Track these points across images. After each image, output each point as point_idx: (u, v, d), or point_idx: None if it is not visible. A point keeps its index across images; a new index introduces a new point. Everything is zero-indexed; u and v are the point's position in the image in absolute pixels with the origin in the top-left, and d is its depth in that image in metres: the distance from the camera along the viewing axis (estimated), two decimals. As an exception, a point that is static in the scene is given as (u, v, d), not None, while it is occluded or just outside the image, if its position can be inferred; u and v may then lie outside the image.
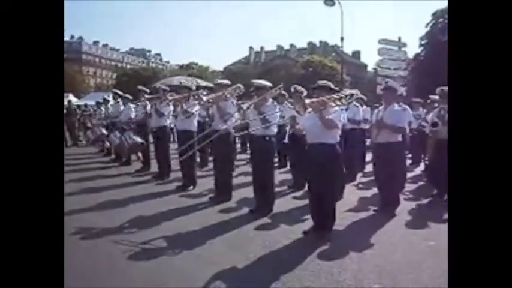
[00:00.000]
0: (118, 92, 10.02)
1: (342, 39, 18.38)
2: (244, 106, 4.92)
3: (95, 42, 71.05)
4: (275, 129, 5.02)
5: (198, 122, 6.81)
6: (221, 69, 49.72)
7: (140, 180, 7.36)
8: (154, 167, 7.92)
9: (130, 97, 9.13)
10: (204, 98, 5.29)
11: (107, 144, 10.51)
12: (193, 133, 6.39)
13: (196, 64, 48.00)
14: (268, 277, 3.16)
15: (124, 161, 9.26)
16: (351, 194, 6.13)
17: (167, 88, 7.28)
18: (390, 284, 3.08)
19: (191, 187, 6.55)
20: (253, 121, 4.99)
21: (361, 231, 4.38)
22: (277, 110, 4.95)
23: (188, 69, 45.03)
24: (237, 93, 5.60)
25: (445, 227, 4.51)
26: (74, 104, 15.60)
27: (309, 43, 51.84)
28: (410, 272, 3.26)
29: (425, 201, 5.79)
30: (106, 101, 11.34)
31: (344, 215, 4.99)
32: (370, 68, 48.46)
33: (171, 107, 6.97)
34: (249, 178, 5.62)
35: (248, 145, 6.98)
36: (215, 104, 5.55)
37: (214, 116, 5.70)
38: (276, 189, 6.49)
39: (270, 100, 5.01)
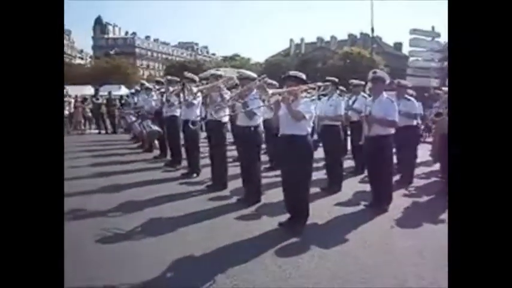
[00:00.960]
0: (145, 82, 10.21)
1: (372, 30, 17.49)
2: (227, 96, 4.73)
3: (147, 37, 73.53)
4: (259, 120, 4.79)
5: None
6: (262, 61, 49.49)
7: (152, 167, 7.46)
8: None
9: (152, 87, 9.25)
10: (195, 89, 5.16)
11: (136, 131, 10.83)
12: (194, 122, 6.32)
13: (239, 56, 48.24)
14: (218, 269, 3.00)
15: (147, 148, 9.49)
16: (350, 188, 5.74)
17: (176, 78, 7.27)
18: (340, 285, 2.80)
19: (194, 175, 6.52)
20: (238, 111, 4.81)
21: (340, 227, 4.06)
22: (260, 100, 4.71)
23: (231, 61, 45.51)
24: (229, 84, 5.43)
25: (432, 228, 4.08)
26: (114, 94, 16.21)
27: (350, 35, 49.90)
28: (366, 274, 2.95)
29: (426, 199, 5.30)
30: (137, 91, 11.63)
31: (331, 209, 4.69)
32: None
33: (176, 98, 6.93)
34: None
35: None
36: (208, 95, 5.42)
37: (209, 106, 5.57)
38: (275, 180, 6.31)
39: (255, 91, 4.78)
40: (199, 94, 6.11)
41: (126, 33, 73.46)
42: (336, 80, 5.92)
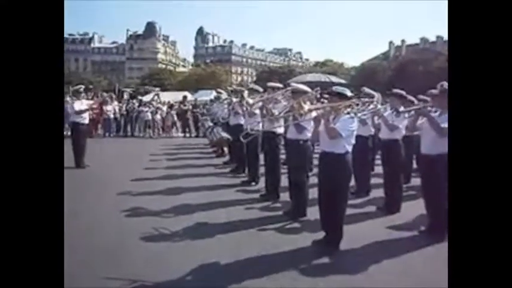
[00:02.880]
0: (220, 90, 10.92)
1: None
2: (276, 111, 4.83)
3: (243, 45, 77.64)
4: (309, 134, 4.78)
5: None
6: (357, 65, 47.93)
7: (218, 172, 7.95)
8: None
9: (225, 95, 9.86)
10: (250, 101, 5.39)
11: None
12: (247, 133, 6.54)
13: (331, 61, 47.62)
14: (232, 280, 3.14)
15: (220, 153, 10.11)
16: (414, 209, 5.25)
17: (241, 88, 7.63)
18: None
19: (253, 183, 6.77)
20: (289, 125, 4.89)
21: (379, 253, 3.83)
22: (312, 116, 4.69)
23: (323, 66, 45.16)
24: (287, 95, 5.52)
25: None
26: (200, 100, 17.58)
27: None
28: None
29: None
30: (216, 99, 12.47)
31: (380, 232, 4.43)
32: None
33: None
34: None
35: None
36: (265, 107, 5.60)
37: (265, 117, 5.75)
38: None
39: (308, 104, 4.77)
40: (260, 104, 6.36)
41: (225, 41, 78.48)
42: (402, 92, 5.56)
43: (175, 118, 15.40)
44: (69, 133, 12.22)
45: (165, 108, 15.65)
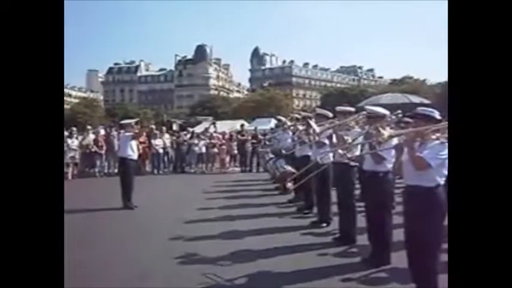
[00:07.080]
0: (282, 118, 11.14)
1: None
2: (349, 138, 4.84)
3: (305, 64, 79.09)
4: (389, 165, 4.70)
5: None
6: (442, 80, 46.22)
7: (282, 212, 8.01)
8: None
9: (289, 123, 10.02)
10: (317, 129, 5.45)
11: (273, 171, 11.72)
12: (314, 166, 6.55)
13: (411, 78, 46.46)
14: None
15: (282, 190, 10.17)
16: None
17: (307, 114, 7.75)
18: None
19: (324, 224, 6.70)
20: (365, 154, 4.86)
21: None
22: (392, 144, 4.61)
23: (401, 84, 44.19)
24: (362, 121, 5.52)
25: None
26: (261, 129, 17.99)
27: None
28: None
29: None
30: (277, 126, 12.69)
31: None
32: None
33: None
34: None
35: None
36: (335, 134, 5.63)
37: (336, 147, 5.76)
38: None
39: (388, 130, 4.72)
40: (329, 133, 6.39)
41: (284, 62, 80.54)
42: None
43: (235, 151, 15.84)
44: (115, 170, 13.41)
45: (220, 138, 16.21)
